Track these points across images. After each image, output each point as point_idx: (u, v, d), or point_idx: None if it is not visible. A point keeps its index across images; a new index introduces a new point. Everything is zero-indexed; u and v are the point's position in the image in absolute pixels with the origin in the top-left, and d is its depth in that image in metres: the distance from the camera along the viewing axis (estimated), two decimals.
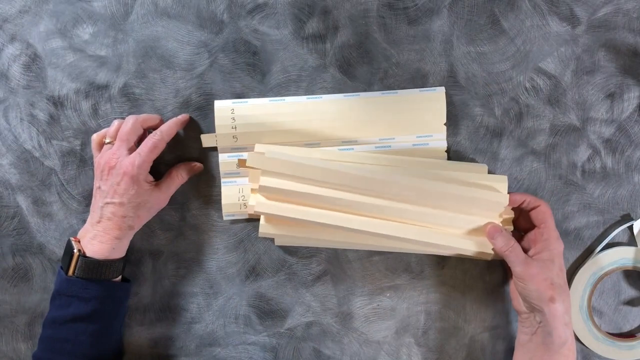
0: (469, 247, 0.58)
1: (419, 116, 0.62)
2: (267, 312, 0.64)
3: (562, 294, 0.55)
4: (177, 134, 0.62)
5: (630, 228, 0.63)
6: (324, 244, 0.62)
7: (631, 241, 0.63)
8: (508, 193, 0.58)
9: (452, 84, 0.63)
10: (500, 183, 0.58)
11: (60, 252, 0.63)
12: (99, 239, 0.56)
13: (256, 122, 0.61)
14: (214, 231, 0.64)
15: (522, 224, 0.60)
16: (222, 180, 0.62)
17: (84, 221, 0.63)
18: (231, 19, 0.62)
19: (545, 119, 0.63)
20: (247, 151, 0.62)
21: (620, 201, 0.63)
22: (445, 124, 0.62)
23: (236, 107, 0.61)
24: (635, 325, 0.64)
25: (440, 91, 0.62)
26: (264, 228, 0.60)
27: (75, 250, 0.56)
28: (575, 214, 0.63)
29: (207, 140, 0.62)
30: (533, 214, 0.58)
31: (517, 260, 0.56)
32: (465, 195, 0.57)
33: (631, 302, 0.64)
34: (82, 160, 0.63)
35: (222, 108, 0.61)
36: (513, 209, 0.60)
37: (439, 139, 0.62)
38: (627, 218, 0.63)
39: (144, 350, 0.64)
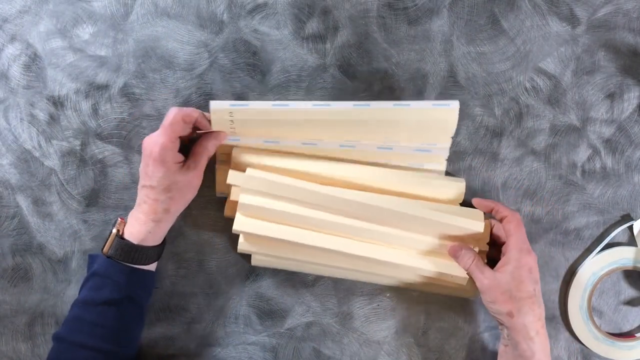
0: (448, 270, 0.58)
1: (428, 128, 0.59)
2: (267, 312, 0.64)
3: (523, 307, 0.53)
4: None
5: (630, 228, 0.63)
6: (303, 268, 0.62)
7: (631, 241, 0.63)
8: (476, 197, 0.60)
9: (452, 84, 0.63)
10: (477, 220, 0.58)
11: (60, 252, 0.63)
12: (138, 220, 0.56)
13: (257, 127, 0.58)
14: (214, 231, 0.64)
15: (497, 239, 0.59)
16: (218, 160, 0.61)
17: (84, 221, 0.63)
18: (231, 19, 0.62)
19: (545, 119, 0.63)
20: (244, 136, 0.60)
21: (620, 201, 0.63)
22: (452, 137, 0.60)
23: (235, 111, 0.56)
24: (635, 325, 0.64)
25: (454, 106, 0.57)
26: (243, 246, 0.60)
27: (114, 230, 0.56)
28: (575, 214, 0.63)
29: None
30: (503, 224, 0.57)
31: (479, 274, 0.55)
32: (441, 223, 0.57)
33: (631, 302, 0.64)
34: (82, 160, 0.63)
35: (219, 110, 0.56)
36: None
37: (442, 148, 0.60)
38: (627, 218, 0.63)
39: (144, 350, 0.63)
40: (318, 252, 0.58)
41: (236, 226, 0.58)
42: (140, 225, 0.56)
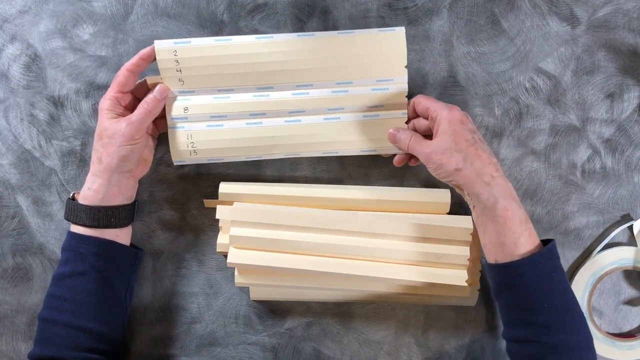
0: (447, 280, 0.58)
1: (379, 58, 0.58)
2: (267, 312, 0.64)
3: (467, 157, 0.53)
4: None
5: (630, 228, 0.63)
6: (303, 297, 0.62)
7: (631, 241, 0.63)
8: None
9: (452, 84, 0.63)
10: (464, 223, 0.59)
11: (60, 252, 0.63)
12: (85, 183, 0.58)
13: (202, 64, 0.58)
14: (214, 231, 0.64)
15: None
16: (169, 125, 0.60)
17: None
18: (231, 19, 0.62)
19: (545, 119, 0.63)
20: (195, 95, 0.59)
21: (620, 201, 0.63)
22: (406, 67, 0.59)
23: (179, 49, 0.57)
24: (635, 325, 0.64)
25: (400, 31, 0.58)
26: (239, 279, 0.60)
27: (70, 196, 0.59)
28: (575, 214, 0.63)
29: (152, 83, 0.59)
30: (416, 106, 0.58)
31: (419, 147, 0.55)
32: (431, 227, 0.58)
33: (631, 302, 0.64)
34: (82, 160, 0.63)
35: (164, 50, 0.57)
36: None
37: (400, 83, 0.59)
38: (627, 218, 0.63)
39: (144, 350, 0.64)
40: (315, 276, 0.58)
41: (230, 259, 0.58)
42: (84, 186, 0.57)
